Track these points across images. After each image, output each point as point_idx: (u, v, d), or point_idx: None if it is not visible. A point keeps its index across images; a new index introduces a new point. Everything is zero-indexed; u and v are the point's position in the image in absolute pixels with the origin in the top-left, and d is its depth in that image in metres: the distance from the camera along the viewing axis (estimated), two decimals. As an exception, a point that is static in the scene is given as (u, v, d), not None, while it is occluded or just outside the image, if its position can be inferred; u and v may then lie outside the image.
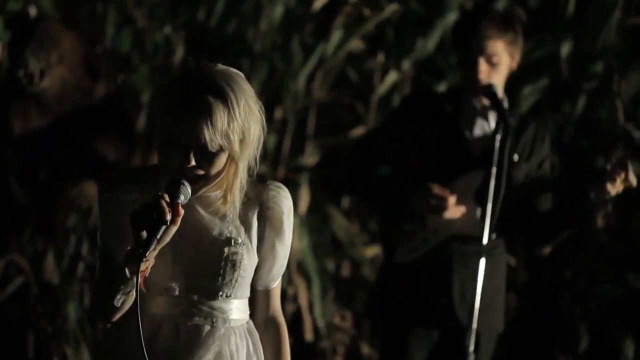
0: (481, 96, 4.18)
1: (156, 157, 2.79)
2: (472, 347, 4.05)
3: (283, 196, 2.88)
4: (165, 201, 2.63)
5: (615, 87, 5.90)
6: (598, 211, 5.60)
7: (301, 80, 6.13)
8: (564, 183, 4.22)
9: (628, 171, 4.00)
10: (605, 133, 5.99)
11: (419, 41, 6.22)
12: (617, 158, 4.02)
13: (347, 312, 6.14)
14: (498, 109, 4.12)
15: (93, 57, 5.39)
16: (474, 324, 4.06)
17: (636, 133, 6.03)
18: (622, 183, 4.02)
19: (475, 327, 4.06)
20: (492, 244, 4.18)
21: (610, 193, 4.02)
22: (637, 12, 6.21)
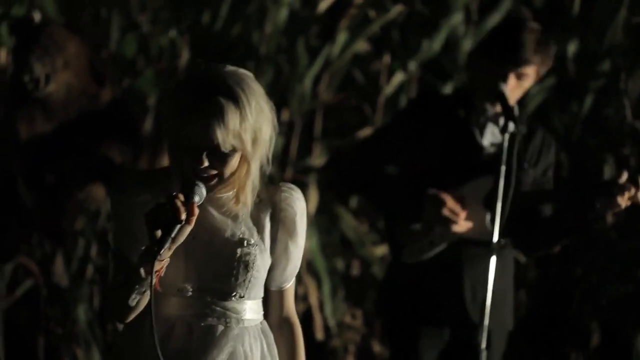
0: (493, 102, 4.15)
1: (162, 160, 2.79)
2: (484, 344, 4.04)
3: (296, 197, 2.89)
4: (180, 201, 2.63)
5: (622, 86, 5.89)
6: (601, 221, 5.62)
7: (307, 82, 6.12)
8: (571, 192, 4.21)
9: (639, 187, 3.98)
10: (612, 131, 5.99)
11: (425, 42, 6.21)
12: (630, 174, 3.99)
13: (358, 311, 6.14)
14: (508, 115, 4.08)
15: (98, 62, 5.39)
16: (486, 321, 4.05)
17: (644, 131, 6.04)
18: (630, 199, 3.99)
19: (487, 324, 4.06)
20: (501, 243, 4.17)
21: (620, 206, 4.00)
22: (643, 11, 6.21)
